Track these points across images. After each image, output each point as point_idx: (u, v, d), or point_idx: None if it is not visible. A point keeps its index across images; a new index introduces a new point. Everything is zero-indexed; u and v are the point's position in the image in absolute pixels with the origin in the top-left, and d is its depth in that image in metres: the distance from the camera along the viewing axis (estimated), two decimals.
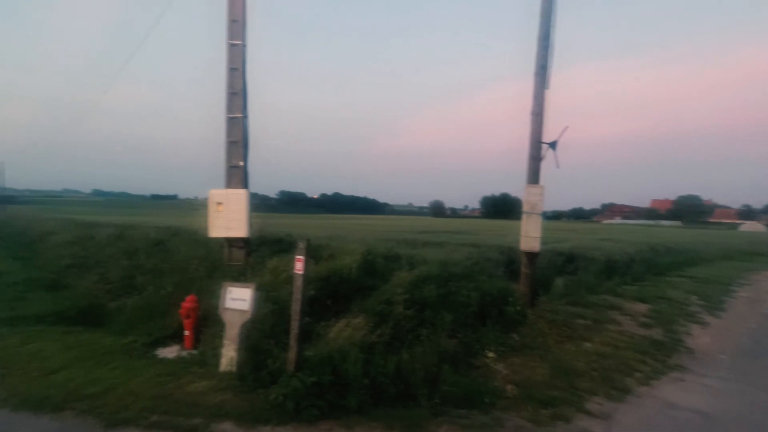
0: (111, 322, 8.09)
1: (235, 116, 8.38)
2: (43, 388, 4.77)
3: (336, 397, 4.30)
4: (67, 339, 6.78)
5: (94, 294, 9.32)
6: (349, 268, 7.14)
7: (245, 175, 8.50)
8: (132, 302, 8.21)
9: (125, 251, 11.07)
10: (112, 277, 9.72)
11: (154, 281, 8.68)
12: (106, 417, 4.15)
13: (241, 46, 8.31)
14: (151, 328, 7.21)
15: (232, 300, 5.47)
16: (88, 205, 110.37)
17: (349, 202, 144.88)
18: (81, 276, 10.75)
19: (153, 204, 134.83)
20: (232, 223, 8.17)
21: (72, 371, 5.30)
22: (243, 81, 8.36)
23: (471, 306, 5.95)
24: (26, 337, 6.73)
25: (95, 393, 4.66)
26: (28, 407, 4.36)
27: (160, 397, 4.61)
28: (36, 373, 5.23)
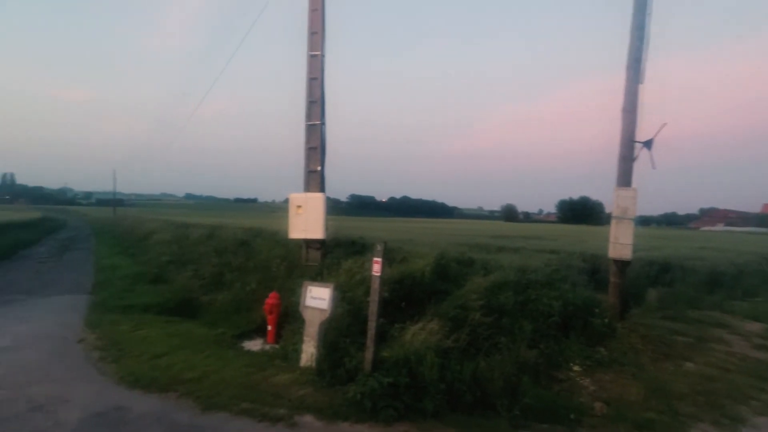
0: (203, 314, 8.85)
1: (314, 123, 8.79)
2: (152, 371, 5.34)
3: (412, 400, 4.30)
4: (168, 328, 7.53)
5: (189, 288, 10.26)
6: (422, 271, 7.13)
7: (322, 180, 8.86)
8: (221, 297, 8.93)
9: (215, 250, 12.09)
10: (204, 273, 10.63)
11: (240, 278, 9.37)
12: (203, 401, 4.53)
13: (320, 57, 8.70)
14: (238, 322, 7.79)
15: (312, 299, 5.70)
16: (181, 207, 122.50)
17: (417, 206, 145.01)
18: (178, 271, 11.92)
19: (236, 207, 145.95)
20: (310, 225, 8.56)
21: (174, 357, 5.87)
22: (321, 89, 8.74)
23: (553, 316, 5.63)
24: (136, 324, 7.59)
25: (193, 378, 5.12)
26: (140, 386, 4.91)
27: (248, 386, 4.94)
28: (145, 356, 5.87)
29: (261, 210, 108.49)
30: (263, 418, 4.17)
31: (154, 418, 4.18)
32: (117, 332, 7.06)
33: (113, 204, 72.82)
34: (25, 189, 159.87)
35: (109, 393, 4.77)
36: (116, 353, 6.03)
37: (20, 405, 4.38)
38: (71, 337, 6.85)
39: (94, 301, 9.49)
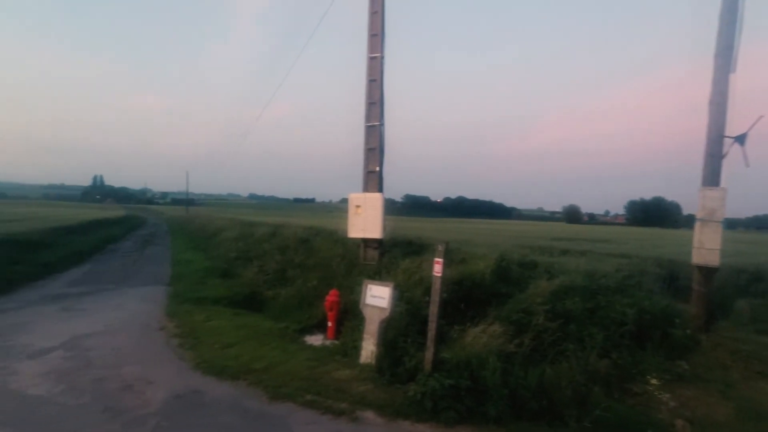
0: (268, 308, 9.29)
1: (373, 124, 8.91)
2: (223, 359, 5.70)
3: (474, 403, 4.22)
4: (237, 320, 7.99)
5: (254, 283, 10.81)
6: (482, 273, 6.99)
7: (380, 180, 8.96)
8: (284, 292, 9.32)
9: (278, 247, 12.65)
10: (268, 269, 11.15)
11: (301, 275, 9.73)
12: (270, 391, 4.76)
13: (380, 59, 8.80)
14: (299, 317, 8.08)
15: (372, 297, 5.79)
16: (245, 206, 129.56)
17: (474, 206, 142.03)
18: (244, 267, 12.60)
19: (295, 206, 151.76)
20: (369, 225, 8.69)
21: (242, 347, 6.23)
22: (381, 91, 8.85)
23: (626, 324, 5.26)
24: (208, 315, 8.13)
25: (261, 368, 5.40)
26: (214, 373, 5.26)
27: (311, 379, 5.11)
28: (217, 345, 6.28)
29: (318, 210, 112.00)
30: (327, 411, 4.30)
31: (228, 404, 4.46)
32: (192, 322, 7.61)
33: (186, 203, 78.71)
34: (112, 189, 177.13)
35: (188, 377, 5.16)
36: (192, 341, 6.50)
37: (114, 383, 4.86)
38: (154, 325, 7.49)
39: (172, 293, 10.30)
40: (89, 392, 4.57)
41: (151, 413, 4.17)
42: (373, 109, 8.86)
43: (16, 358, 5.49)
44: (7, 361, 5.39)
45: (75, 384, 4.78)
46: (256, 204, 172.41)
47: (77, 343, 6.24)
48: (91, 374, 5.08)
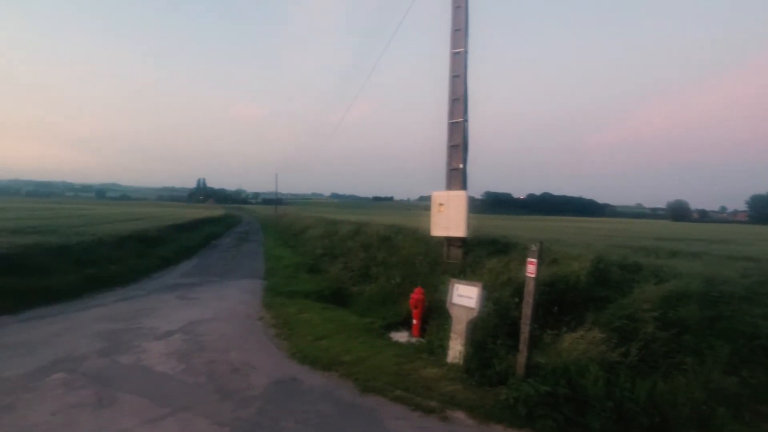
0: (353, 304, 9.61)
1: (456, 121, 8.76)
2: (315, 350, 6.02)
3: (573, 413, 3.96)
4: (326, 313, 8.39)
5: (340, 279, 11.27)
6: (576, 274, 6.52)
7: (464, 177, 8.78)
8: (369, 289, 9.57)
9: (362, 245, 13.04)
10: (353, 266, 11.54)
11: (385, 272, 9.92)
12: (361, 383, 4.93)
13: (463, 54, 8.63)
14: (384, 313, 8.24)
15: (458, 296, 5.71)
16: (327, 205, 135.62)
17: (561, 203, 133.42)
18: (331, 263, 13.19)
19: (374, 205, 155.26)
20: (452, 223, 8.57)
21: (332, 340, 6.52)
22: (464, 87, 8.67)
23: (758, 338, 4.55)
24: (300, 308, 8.65)
25: (350, 361, 5.61)
26: (308, 363, 5.58)
27: (399, 375, 5.19)
28: (309, 337, 6.65)
29: (397, 208, 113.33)
30: (416, 408, 4.33)
31: (322, 393, 4.70)
32: (286, 314, 8.15)
33: (275, 203, 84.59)
34: (213, 191, 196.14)
35: (285, 365, 5.54)
36: (287, 332, 6.96)
37: (223, 366, 5.38)
38: (253, 315, 8.16)
39: (267, 286, 11.13)
40: (204, 373, 5.12)
41: (255, 396, 4.54)
42: (456, 106, 8.72)
43: (145, 339, 6.33)
44: (139, 340, 6.24)
45: (192, 364, 5.38)
46: (337, 203, 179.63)
47: (192, 328, 7.02)
48: (205, 357, 5.68)
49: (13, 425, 3.69)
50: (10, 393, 4.32)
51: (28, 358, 5.32)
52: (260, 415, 4.10)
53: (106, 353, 5.65)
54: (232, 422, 3.94)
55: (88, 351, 5.70)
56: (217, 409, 4.18)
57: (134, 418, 3.92)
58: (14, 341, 5.99)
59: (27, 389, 4.43)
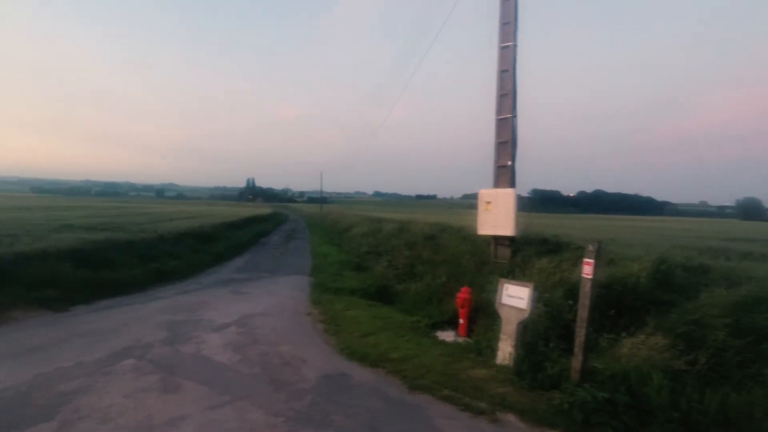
0: (398, 301, 9.64)
1: (505, 117, 8.54)
2: (363, 347, 6.10)
3: (635, 423, 3.76)
4: (371, 310, 8.48)
5: (385, 277, 11.33)
6: (636, 276, 6.19)
7: (513, 175, 8.56)
8: (414, 287, 9.56)
9: (406, 243, 13.04)
10: (398, 264, 11.57)
11: (430, 270, 9.87)
12: (409, 381, 4.94)
13: (512, 47, 8.39)
14: (430, 312, 8.20)
15: (508, 297, 5.57)
16: (370, 204, 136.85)
17: (615, 201, 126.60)
18: (375, 261, 13.30)
19: (417, 203, 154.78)
20: (500, 221, 8.37)
21: (379, 337, 6.59)
22: (513, 82, 8.43)
23: None
24: (346, 304, 8.80)
25: (397, 358, 5.64)
26: (356, 359, 5.67)
27: (447, 374, 5.15)
28: (356, 333, 6.76)
29: (440, 206, 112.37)
30: (466, 408, 4.28)
31: (371, 388, 4.76)
32: (333, 310, 8.32)
33: (320, 201, 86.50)
34: (261, 190, 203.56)
35: (334, 360, 5.66)
36: (335, 328, 7.10)
37: (275, 359, 5.58)
38: (301, 310, 8.40)
39: (314, 282, 11.41)
40: (258, 364, 5.34)
41: (307, 389, 4.68)
42: (504, 101, 8.50)
43: (204, 330, 6.69)
44: (199, 332, 6.61)
45: (247, 356, 5.62)
46: (380, 201, 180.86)
47: (245, 321, 7.34)
48: (258, 349, 5.92)
49: (93, 406, 4.03)
50: (89, 376, 4.72)
51: (103, 345, 5.79)
52: (312, 408, 4.21)
53: (169, 342, 6.03)
54: (286, 413, 4.08)
55: (153, 340, 6.11)
56: (271, 400, 4.35)
57: (196, 404, 4.16)
58: (90, 329, 6.53)
59: (102, 373, 4.83)
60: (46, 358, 5.22)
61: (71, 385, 4.47)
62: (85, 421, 3.73)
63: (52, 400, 4.10)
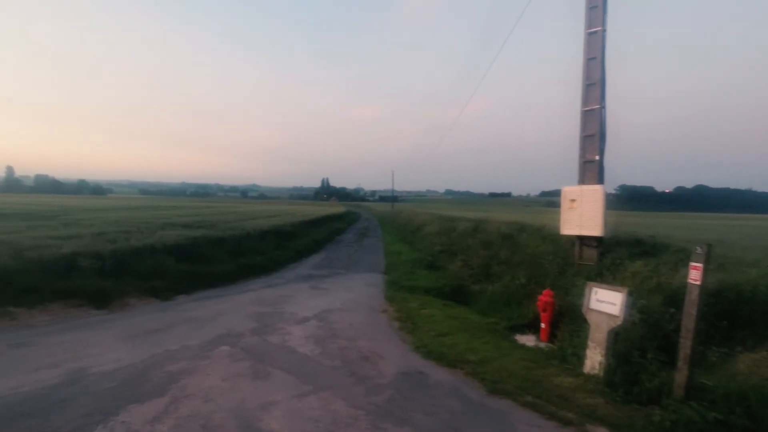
0: (474, 302, 9.43)
1: (591, 108, 7.97)
2: (439, 346, 6.06)
3: None
4: (447, 310, 8.39)
5: (459, 276, 11.15)
6: (754, 284, 5.44)
7: (601, 170, 7.96)
8: (491, 288, 9.28)
9: (481, 242, 12.71)
10: (473, 263, 11.32)
11: (508, 271, 9.52)
12: (488, 384, 4.81)
13: (600, 33, 7.80)
14: (508, 314, 7.92)
15: (598, 302, 5.19)
16: (442, 202, 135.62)
17: (721, 197, 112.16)
18: (449, 260, 13.14)
19: (490, 201, 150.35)
20: (586, 220, 7.83)
21: (456, 337, 6.50)
22: (601, 70, 7.83)
23: None
24: (421, 303, 8.80)
25: (476, 360, 5.52)
26: (433, 358, 5.65)
27: (529, 380, 4.93)
28: (432, 333, 6.73)
29: (515, 204, 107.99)
30: (551, 417, 4.06)
31: (449, 389, 4.71)
32: (408, 308, 8.36)
33: (391, 200, 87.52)
34: (335, 189, 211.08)
35: (411, 358, 5.69)
36: (410, 326, 7.14)
37: (354, 353, 5.75)
38: (377, 307, 8.56)
39: (387, 280, 11.57)
40: (338, 357, 5.54)
41: (385, 384, 4.76)
42: (591, 91, 7.93)
43: (287, 323, 7.10)
44: (283, 324, 7.02)
45: (327, 349, 5.86)
46: (451, 199, 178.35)
47: (324, 316, 7.66)
48: (338, 343, 6.14)
49: (196, 386, 4.46)
50: (192, 359, 5.24)
51: (202, 331, 6.39)
52: (391, 403, 4.27)
53: (258, 332, 6.49)
54: (366, 406, 4.18)
55: (244, 329, 6.61)
56: (352, 392, 4.49)
57: (284, 392, 4.42)
58: (191, 316, 7.25)
59: (202, 357, 5.33)
60: (156, 340, 5.89)
61: (178, 366, 4.99)
62: (191, 399, 4.14)
63: (163, 378, 4.62)
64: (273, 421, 3.78)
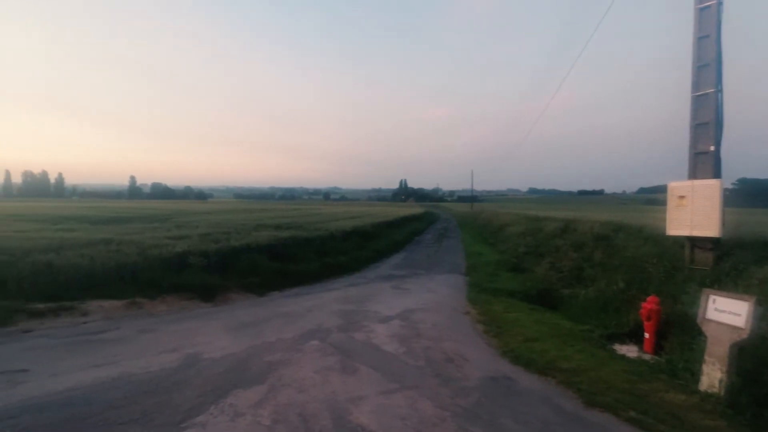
0: (564, 307, 8.87)
1: (704, 93, 7.07)
2: (528, 352, 5.79)
3: None
4: (534, 314, 7.99)
5: (547, 279, 10.56)
6: None
7: (717, 162, 7.05)
8: (584, 292, 8.65)
9: (572, 243, 11.90)
10: (562, 266, 10.65)
11: (604, 275, 8.79)
12: (584, 395, 4.48)
13: (715, 6, 6.90)
14: (605, 321, 7.31)
15: (717, 312, 4.58)
16: (524, 201, 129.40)
17: None
18: (535, 262, 12.51)
19: (579, 199, 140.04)
20: (699, 219, 6.97)
21: (545, 344, 6.15)
22: (716, 48, 6.92)
23: None
24: (505, 306, 8.49)
25: (569, 369, 5.17)
26: (521, 364, 5.42)
27: (632, 394, 4.50)
28: (520, 337, 6.45)
29: (608, 202, 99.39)
30: None
31: (541, 397, 4.47)
32: (492, 311, 8.11)
33: (470, 200, 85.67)
34: (413, 190, 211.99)
35: (497, 362, 5.51)
36: (496, 329, 6.92)
37: (438, 354, 5.72)
38: (459, 309, 8.42)
39: (469, 282, 11.34)
40: (423, 357, 5.55)
41: (471, 387, 4.66)
42: (704, 74, 7.04)
43: (371, 321, 7.29)
44: (367, 322, 7.23)
45: (411, 348, 5.91)
46: (535, 198, 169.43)
47: (407, 315, 7.72)
48: (421, 343, 6.16)
49: (291, 376, 4.77)
50: (287, 351, 5.61)
51: (294, 326, 6.82)
52: (478, 407, 4.18)
53: (344, 329, 6.74)
54: (453, 408, 4.14)
55: (331, 326, 6.92)
56: (437, 393, 4.47)
57: (371, 388, 4.54)
58: (283, 312, 7.77)
59: (296, 350, 5.68)
60: (255, 332, 6.41)
61: (274, 357, 5.38)
62: (287, 388, 4.44)
63: (262, 367, 5.01)
64: (362, 416, 3.90)
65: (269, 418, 3.80)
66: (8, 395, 4.08)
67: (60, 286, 7.42)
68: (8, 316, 6.30)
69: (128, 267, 8.42)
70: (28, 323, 6.29)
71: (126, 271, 8.34)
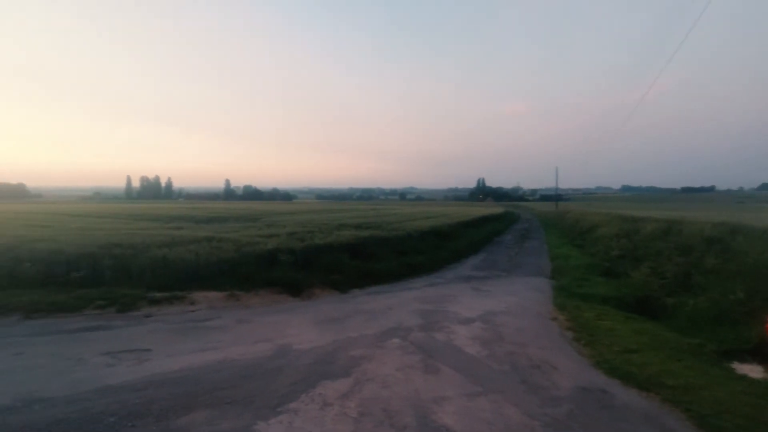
0: (667, 317, 8.00)
1: None
2: (626, 364, 5.32)
3: None
4: (631, 324, 7.31)
5: (647, 286, 9.60)
6: None
7: None
8: (692, 302, 7.73)
9: (677, 247, 10.68)
10: (665, 272, 9.62)
11: (718, 283, 7.79)
12: (696, 418, 3.99)
13: None
14: (720, 335, 6.48)
15: None
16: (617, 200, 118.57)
17: None
18: (632, 267, 11.43)
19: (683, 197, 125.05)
20: None
21: (646, 356, 5.61)
22: None
23: None
24: (597, 313, 7.87)
25: (676, 386, 4.65)
26: (618, 376, 4.99)
27: (757, 421, 3.92)
28: (615, 348, 5.94)
29: (720, 200, 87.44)
30: None
31: (642, 415, 4.08)
32: (582, 318, 7.58)
33: (555, 199, 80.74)
34: (491, 189, 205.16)
35: (590, 373, 5.14)
36: (587, 337, 6.45)
37: (523, 360, 5.49)
38: (545, 314, 8.00)
39: (555, 286, 10.71)
40: (507, 362, 5.37)
41: (562, 397, 4.41)
42: None
43: (451, 322, 7.21)
44: (447, 322, 7.17)
45: (494, 352, 5.74)
46: (630, 196, 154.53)
47: (489, 318, 7.52)
48: (505, 347, 5.96)
49: (375, 371, 4.91)
50: (370, 347, 5.78)
51: (375, 323, 7.00)
52: (570, 419, 3.93)
53: (424, 329, 6.76)
54: (542, 417, 3.95)
55: (412, 324, 6.98)
56: (524, 400, 4.30)
57: (454, 389, 4.50)
58: (365, 309, 8.01)
59: (378, 347, 5.83)
60: (339, 327, 6.69)
61: (358, 352, 5.57)
62: (371, 383, 4.57)
63: (347, 361, 5.22)
64: (446, 416, 3.89)
65: (356, 410, 3.94)
66: (137, 370, 4.73)
67: (172, 278, 8.41)
68: (133, 303, 7.30)
69: (227, 262, 9.28)
70: (149, 309, 7.22)
71: (225, 266, 9.20)
